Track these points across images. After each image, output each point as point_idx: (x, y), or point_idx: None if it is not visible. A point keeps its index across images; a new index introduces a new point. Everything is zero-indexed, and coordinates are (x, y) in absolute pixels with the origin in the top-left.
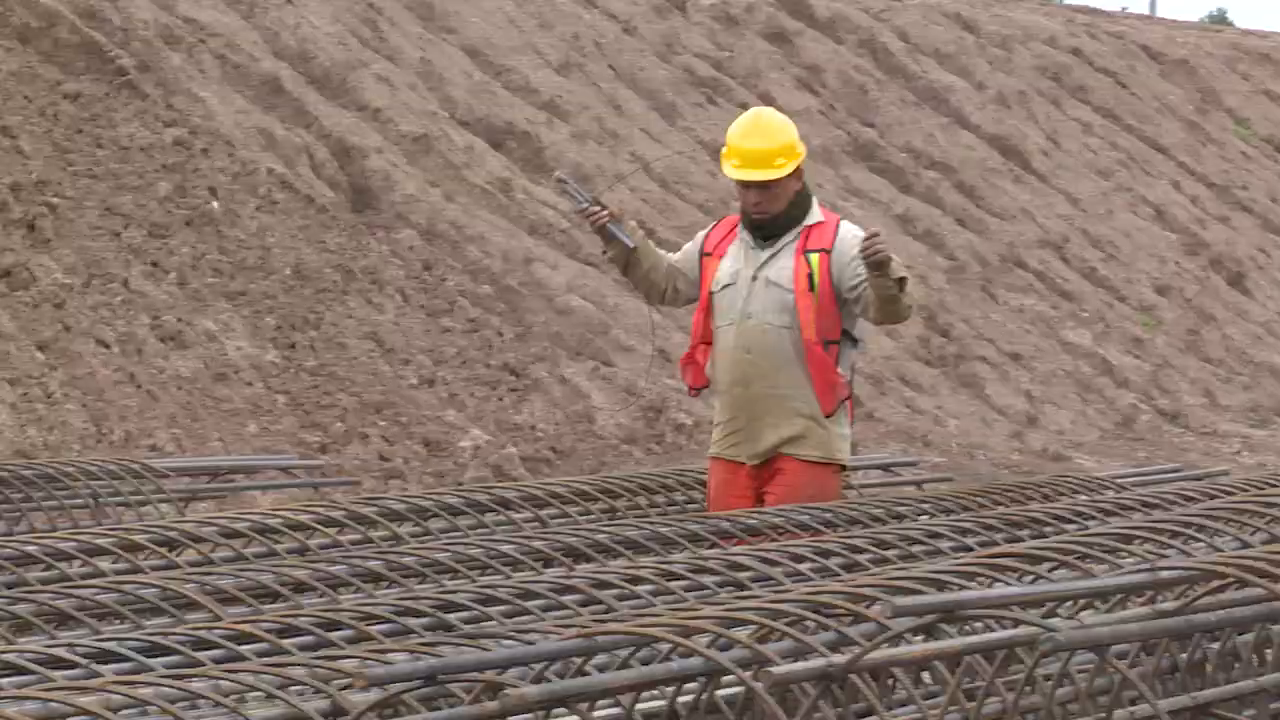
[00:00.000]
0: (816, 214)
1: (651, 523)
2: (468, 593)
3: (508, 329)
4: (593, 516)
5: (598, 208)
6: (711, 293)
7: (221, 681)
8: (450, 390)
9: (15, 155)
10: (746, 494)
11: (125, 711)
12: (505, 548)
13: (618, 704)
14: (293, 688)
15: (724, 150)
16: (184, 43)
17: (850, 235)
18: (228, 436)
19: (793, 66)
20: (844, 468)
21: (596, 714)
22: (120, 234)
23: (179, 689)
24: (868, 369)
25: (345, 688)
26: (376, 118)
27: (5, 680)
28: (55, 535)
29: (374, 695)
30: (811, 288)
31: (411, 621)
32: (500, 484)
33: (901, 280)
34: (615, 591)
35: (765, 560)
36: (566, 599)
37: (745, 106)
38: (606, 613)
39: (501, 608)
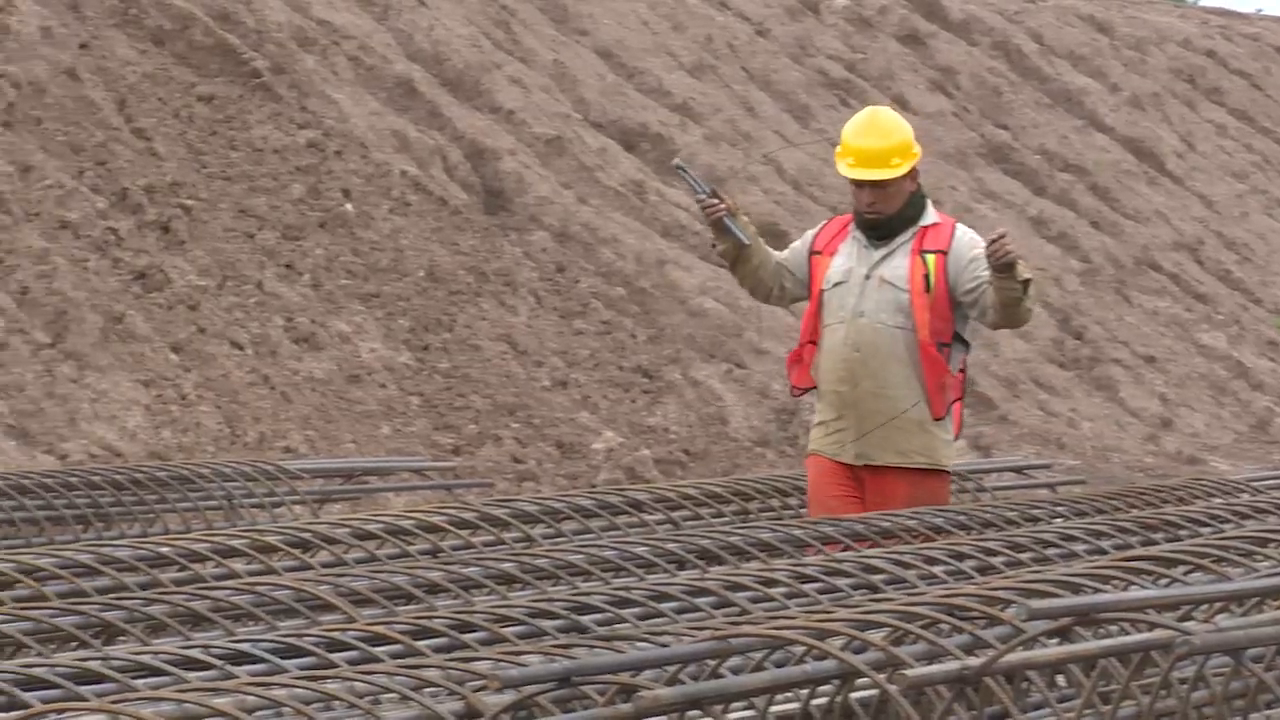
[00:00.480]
0: (932, 216)
1: (785, 525)
2: (601, 595)
3: (641, 331)
4: (726, 519)
5: (715, 200)
6: (822, 290)
7: (355, 683)
8: (583, 392)
9: (150, 157)
10: (846, 493)
11: (260, 713)
12: (639, 549)
13: (751, 706)
14: (426, 690)
15: (838, 149)
16: (317, 45)
17: (967, 239)
18: (361, 438)
19: (926, 68)
20: (948, 473)
21: (730, 716)
22: (254, 236)
23: (313, 690)
24: (1001, 371)
25: (479, 690)
26: (509, 120)
27: (140, 681)
28: (189, 537)
29: (508, 697)
30: (928, 288)
31: (545, 623)
32: (633, 486)
33: (1026, 282)
34: (749, 594)
35: (899, 563)
36: (700, 601)
37: None
38: (740, 615)
39: (635, 610)
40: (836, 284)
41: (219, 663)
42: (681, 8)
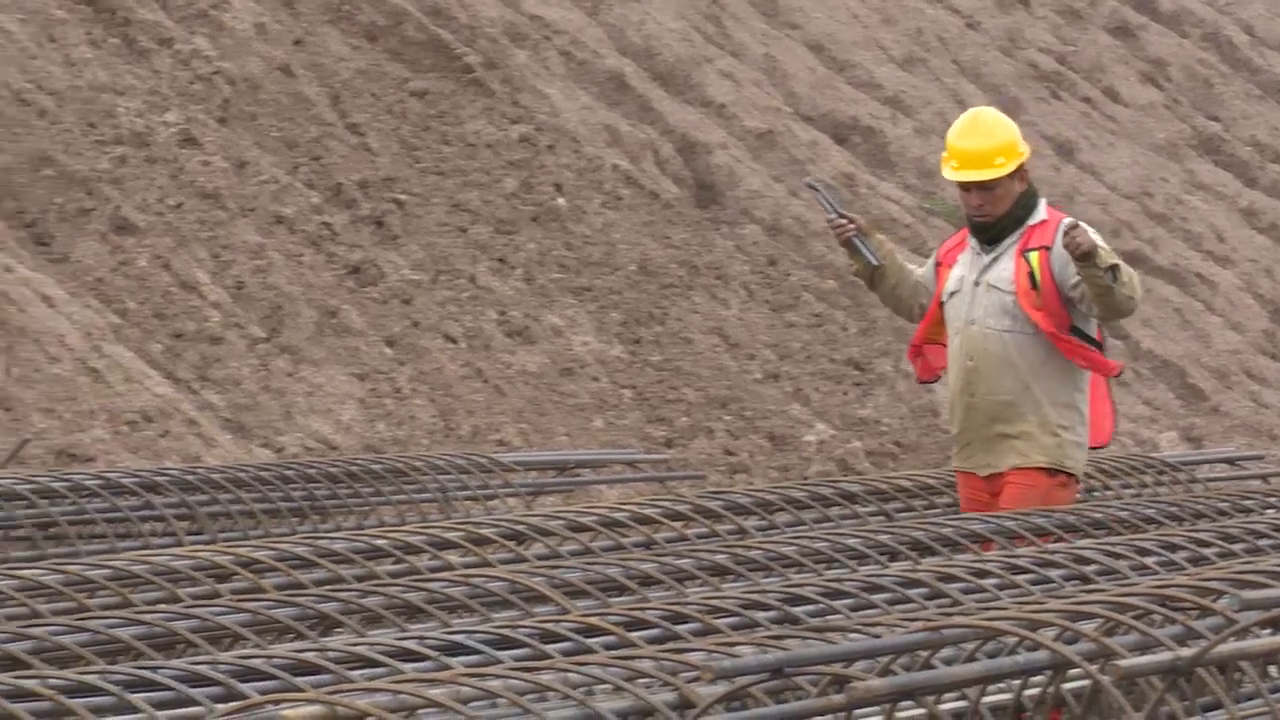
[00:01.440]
0: (1041, 213)
1: (997, 517)
2: (813, 586)
3: (852, 324)
4: (938, 510)
5: (844, 220)
6: (942, 302)
7: (569, 674)
8: (795, 385)
9: (363, 152)
10: (984, 505)
11: (474, 704)
12: (851, 541)
13: (963, 697)
14: (640, 681)
15: (944, 154)
16: (529, 40)
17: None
18: (574, 431)
19: (1137, 60)
20: (1075, 478)
21: (942, 707)
22: (467, 230)
23: (527, 681)
24: (1212, 363)
25: (692, 680)
26: (720, 114)
27: (356, 673)
28: (404, 529)
29: (721, 688)
30: (1034, 285)
31: (758, 615)
32: (845, 478)
33: (1114, 268)
34: (960, 585)
35: (1110, 554)
36: (912, 592)
37: (1089, 100)
38: (952, 606)
39: (847, 601)
40: (952, 294)
41: (434, 654)
42: (892, 1)
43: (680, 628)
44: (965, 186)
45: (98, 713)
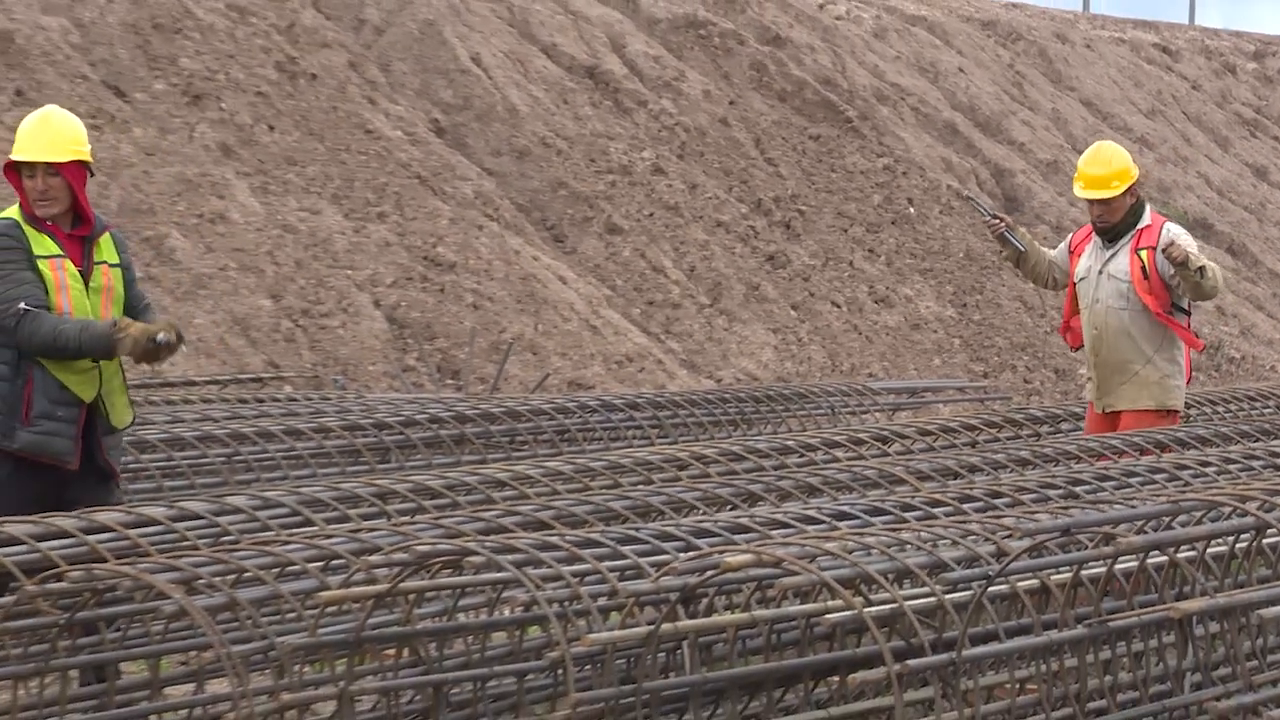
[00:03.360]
0: (1147, 219)
1: (1214, 424)
2: (1089, 472)
3: None
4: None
5: (996, 220)
6: (1075, 283)
7: (920, 533)
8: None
9: (776, 178)
10: (1100, 431)
11: (855, 553)
12: (1113, 441)
13: (1194, 549)
14: (969, 537)
15: (1075, 175)
16: (890, 99)
17: (1168, 236)
18: (920, 367)
19: None
20: (1176, 412)
21: (1179, 556)
22: (847, 230)
23: (892, 538)
24: None
25: (1006, 537)
26: (1021, 150)
27: (775, 532)
28: (805, 434)
29: (1026, 543)
30: (1145, 276)
31: (1050, 492)
32: None
33: (1201, 269)
34: (1190, 472)
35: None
36: (1158, 477)
37: (1277, 139)
38: (1184, 486)
39: (1113, 482)
40: (1081, 278)
41: (828, 519)
42: (1139, 70)
43: (997, 501)
44: (1090, 201)
45: (599, 559)
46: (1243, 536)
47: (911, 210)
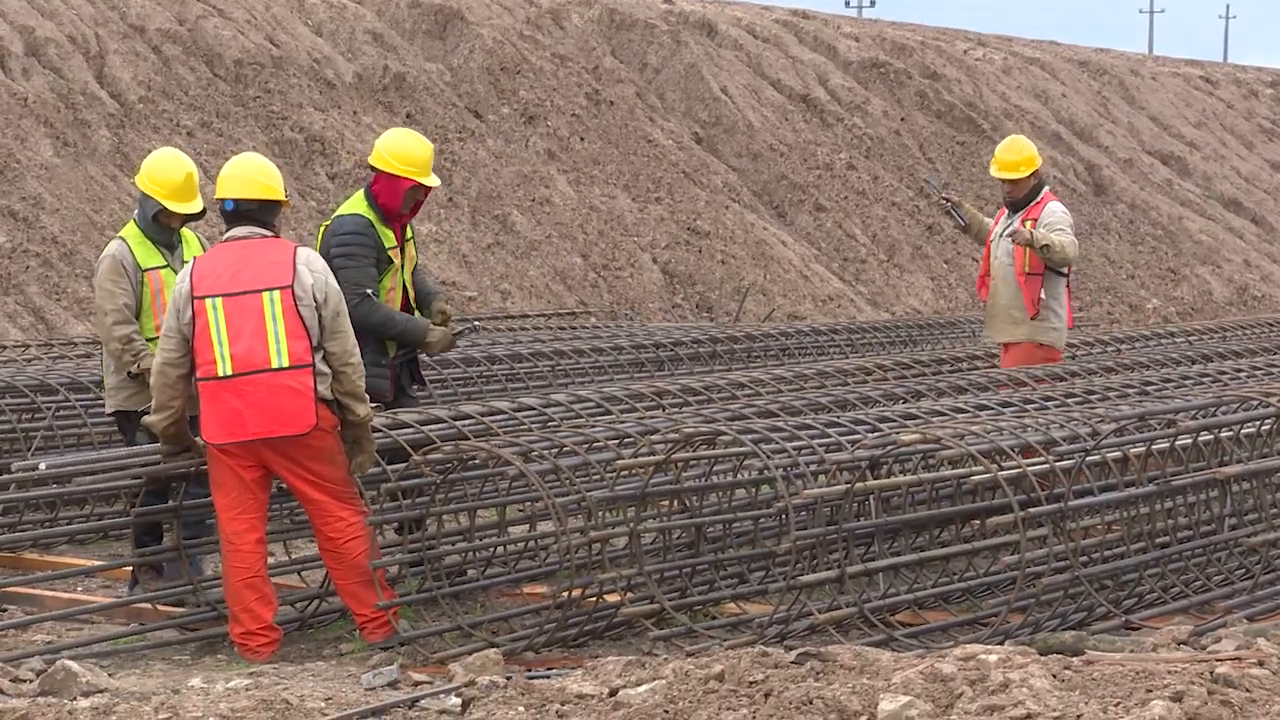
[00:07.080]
0: (1038, 198)
1: (1240, 339)
2: (1155, 374)
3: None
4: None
5: (945, 200)
6: (990, 241)
7: (1037, 419)
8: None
9: (933, 172)
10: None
11: (991, 433)
12: (1155, 356)
13: (1232, 430)
14: (1072, 422)
15: (992, 159)
16: (1013, 114)
17: (1048, 209)
18: None
19: None
20: (1052, 346)
21: (1222, 435)
22: (982, 209)
23: (1017, 422)
24: None
25: (1099, 421)
26: (1106, 151)
27: (938, 419)
28: (954, 350)
29: (1112, 426)
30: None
31: (1129, 390)
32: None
33: (1046, 246)
34: (1230, 375)
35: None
36: (1205, 379)
37: None
38: (1224, 386)
39: (1171, 382)
40: (994, 241)
41: (971, 410)
42: (1189, 94)
43: (1091, 396)
44: (1002, 181)
45: (811, 437)
46: (1266, 421)
47: None
